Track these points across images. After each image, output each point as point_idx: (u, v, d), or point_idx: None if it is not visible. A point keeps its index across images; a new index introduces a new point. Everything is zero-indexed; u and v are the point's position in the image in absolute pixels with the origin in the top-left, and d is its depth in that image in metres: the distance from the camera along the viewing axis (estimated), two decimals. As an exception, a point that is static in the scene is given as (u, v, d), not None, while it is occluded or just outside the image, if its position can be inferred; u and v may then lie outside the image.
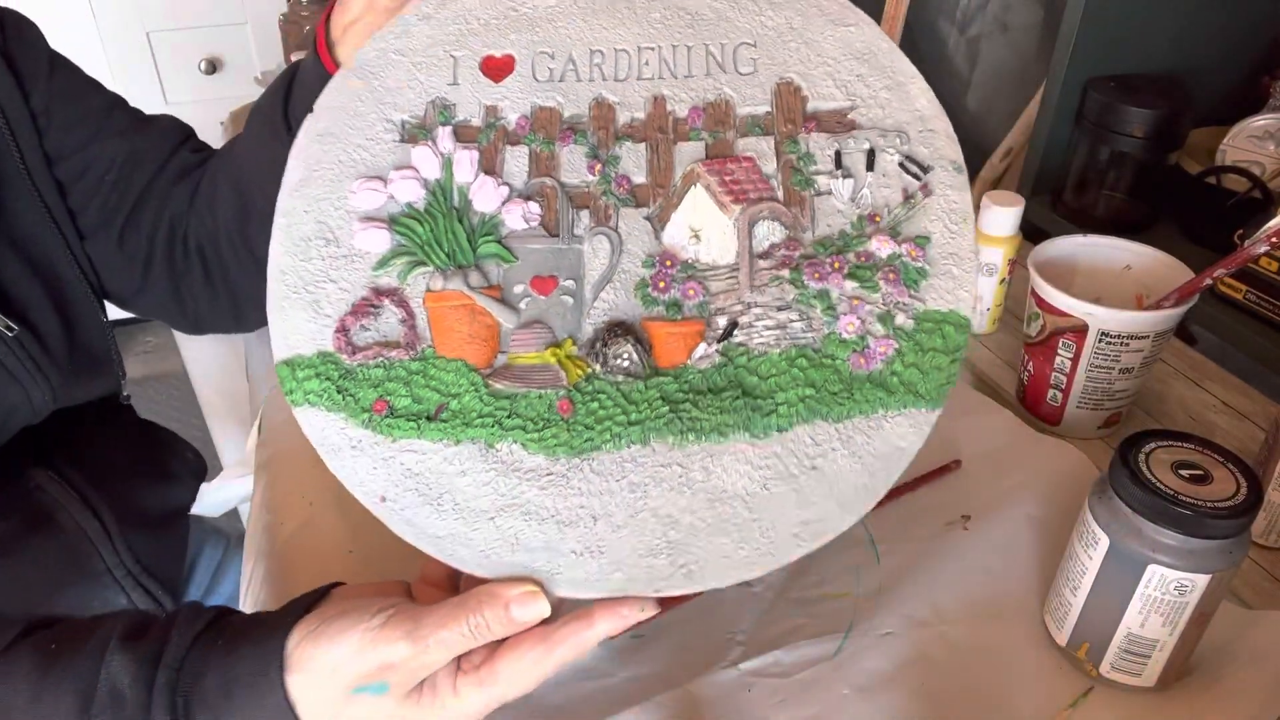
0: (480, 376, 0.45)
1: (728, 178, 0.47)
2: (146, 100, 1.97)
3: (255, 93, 1.32)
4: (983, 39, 1.23)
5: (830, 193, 0.47)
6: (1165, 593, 0.46)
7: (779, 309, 0.46)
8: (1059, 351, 0.65)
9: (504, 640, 0.41)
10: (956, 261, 0.45)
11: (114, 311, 0.69)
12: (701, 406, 0.44)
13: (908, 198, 0.46)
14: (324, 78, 0.54)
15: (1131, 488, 0.46)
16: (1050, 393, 0.68)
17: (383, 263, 0.47)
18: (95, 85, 0.64)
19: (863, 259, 0.46)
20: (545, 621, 0.42)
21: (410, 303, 0.46)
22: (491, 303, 0.46)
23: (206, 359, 1.30)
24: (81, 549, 0.65)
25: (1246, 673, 0.50)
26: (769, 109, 0.48)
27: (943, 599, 0.55)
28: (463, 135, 0.49)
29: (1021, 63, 1.21)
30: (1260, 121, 0.92)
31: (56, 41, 0.64)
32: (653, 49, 0.49)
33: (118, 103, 0.65)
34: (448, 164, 0.48)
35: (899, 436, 0.44)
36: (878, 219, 0.46)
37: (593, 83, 0.49)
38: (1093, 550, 0.48)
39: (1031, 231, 0.89)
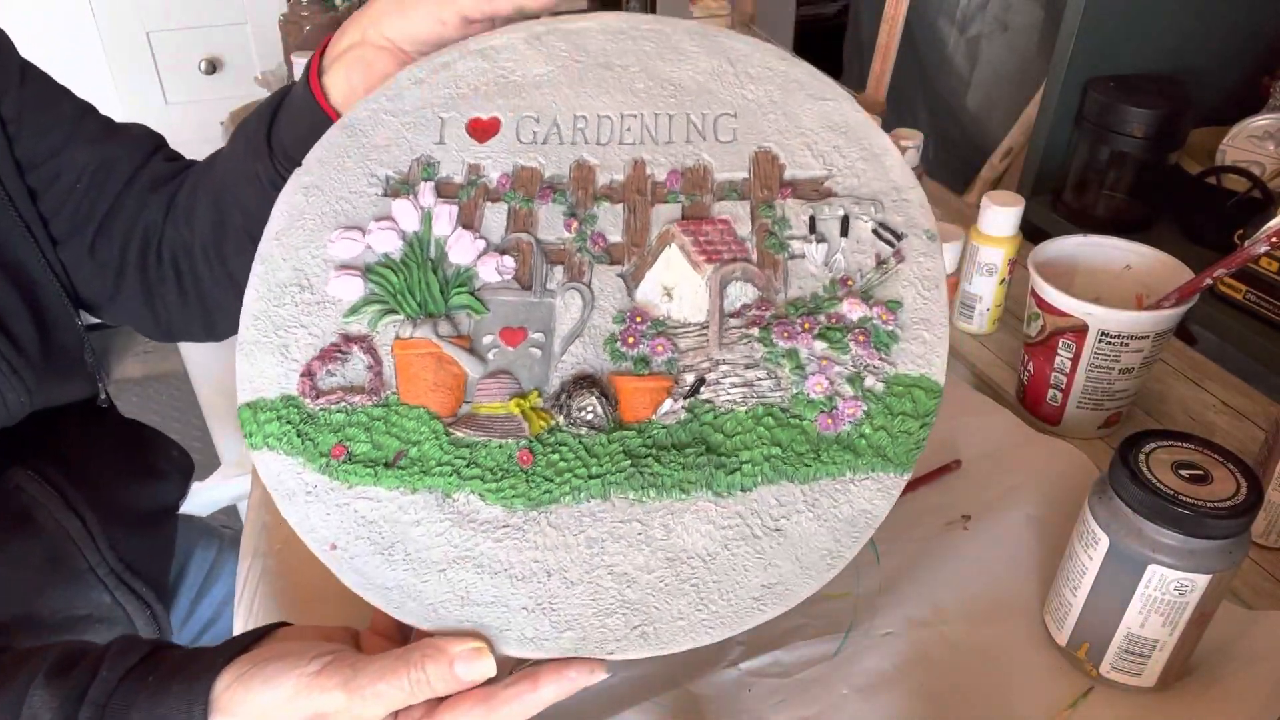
0: (442, 424, 0.45)
1: (702, 238, 0.47)
2: (146, 100, 1.98)
3: (255, 93, 1.32)
4: (983, 39, 1.23)
5: (804, 256, 0.47)
6: (1165, 593, 0.46)
7: (747, 367, 0.45)
8: (1059, 351, 0.65)
9: (444, 698, 0.40)
10: (928, 327, 0.45)
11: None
12: (664, 462, 0.44)
13: (880, 263, 0.46)
14: (312, 104, 0.55)
15: (1131, 488, 0.46)
16: (1050, 393, 0.68)
17: (354, 310, 0.47)
18: (65, 92, 0.64)
19: (834, 320, 0.45)
20: (490, 681, 0.40)
21: (378, 349, 0.46)
22: (459, 351, 0.46)
23: (206, 359, 1.30)
24: (63, 548, 0.65)
25: (1246, 673, 0.50)
26: (746, 175, 0.49)
27: (943, 599, 0.55)
28: (444, 191, 0.49)
29: (1021, 63, 1.21)
30: (1260, 121, 0.93)
31: (56, 41, 0.64)
32: (635, 116, 0.50)
33: (88, 110, 0.65)
34: (427, 217, 0.48)
35: (866, 500, 0.43)
36: (850, 283, 0.46)
37: (575, 145, 0.50)
38: (1093, 550, 0.48)
39: (1031, 231, 0.89)
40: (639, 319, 0.46)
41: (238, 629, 0.56)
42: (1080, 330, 0.63)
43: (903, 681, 0.50)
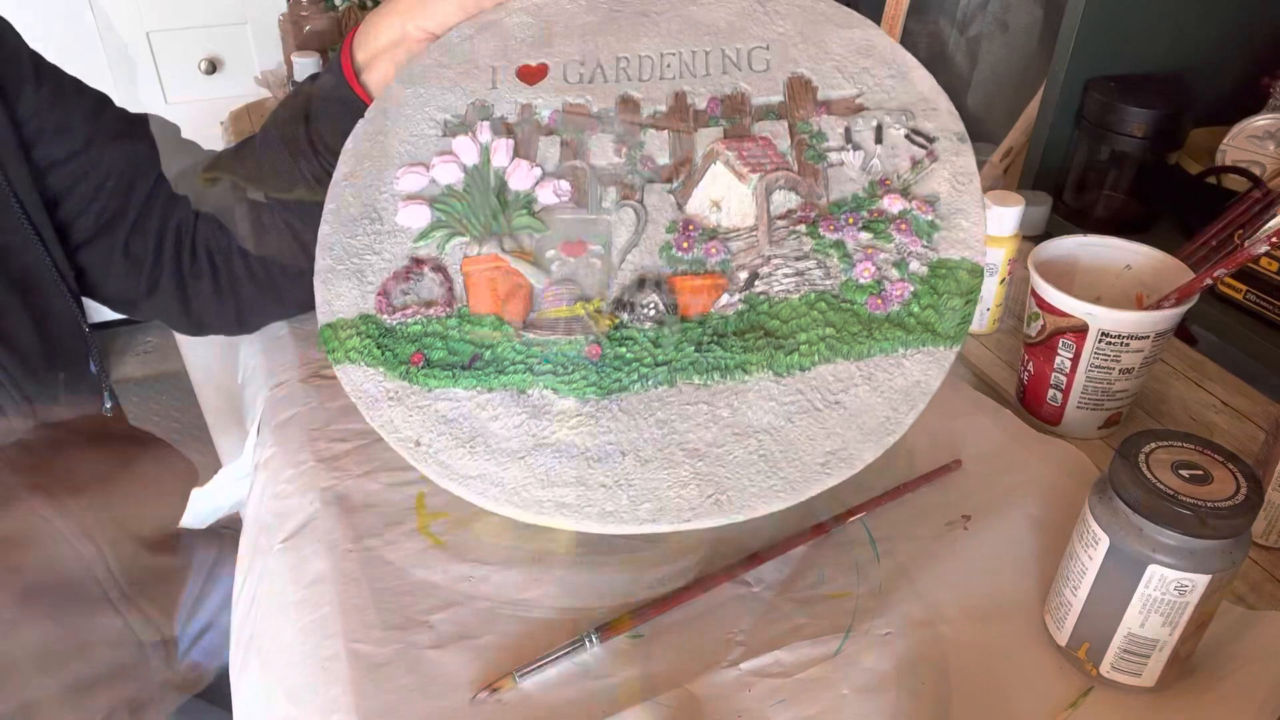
0: (513, 328, 0.48)
1: (745, 153, 0.50)
2: (146, 100, 1.98)
3: (255, 93, 1.32)
4: (983, 39, 1.23)
5: (842, 164, 0.50)
6: (1165, 593, 0.46)
7: (797, 259, 0.48)
8: (1059, 351, 0.65)
9: None
10: (965, 215, 0.48)
11: (108, 314, 0.68)
12: (726, 347, 0.46)
13: (915, 164, 0.49)
14: (349, 100, 0.57)
15: (1131, 488, 0.46)
16: (1050, 393, 0.68)
17: (423, 235, 0.50)
18: (80, 86, 0.63)
19: (876, 214, 0.48)
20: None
21: (448, 269, 0.50)
22: (523, 264, 0.49)
23: (207, 359, 1.30)
24: (78, 577, 0.64)
25: (1246, 673, 0.50)
26: (782, 99, 0.51)
27: (943, 599, 0.55)
28: (499, 129, 0.53)
29: (1021, 63, 1.21)
30: (1260, 121, 0.92)
31: (56, 42, 0.64)
32: (674, 54, 0.53)
33: (103, 100, 0.64)
34: (485, 151, 0.52)
35: (920, 372, 0.45)
36: (888, 183, 0.49)
37: (619, 83, 0.53)
38: (1093, 550, 0.48)
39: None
40: (691, 227, 0.49)
41: (236, 628, 0.56)
42: (1080, 330, 0.63)
43: (903, 681, 0.50)
